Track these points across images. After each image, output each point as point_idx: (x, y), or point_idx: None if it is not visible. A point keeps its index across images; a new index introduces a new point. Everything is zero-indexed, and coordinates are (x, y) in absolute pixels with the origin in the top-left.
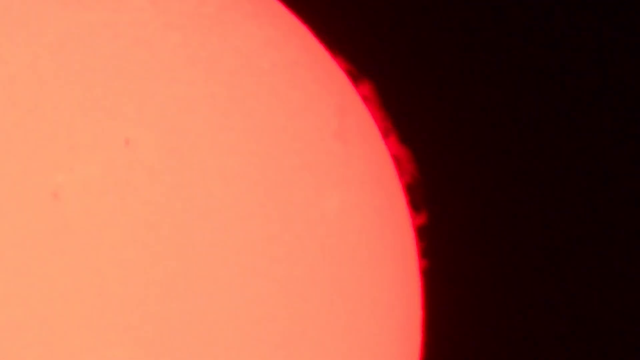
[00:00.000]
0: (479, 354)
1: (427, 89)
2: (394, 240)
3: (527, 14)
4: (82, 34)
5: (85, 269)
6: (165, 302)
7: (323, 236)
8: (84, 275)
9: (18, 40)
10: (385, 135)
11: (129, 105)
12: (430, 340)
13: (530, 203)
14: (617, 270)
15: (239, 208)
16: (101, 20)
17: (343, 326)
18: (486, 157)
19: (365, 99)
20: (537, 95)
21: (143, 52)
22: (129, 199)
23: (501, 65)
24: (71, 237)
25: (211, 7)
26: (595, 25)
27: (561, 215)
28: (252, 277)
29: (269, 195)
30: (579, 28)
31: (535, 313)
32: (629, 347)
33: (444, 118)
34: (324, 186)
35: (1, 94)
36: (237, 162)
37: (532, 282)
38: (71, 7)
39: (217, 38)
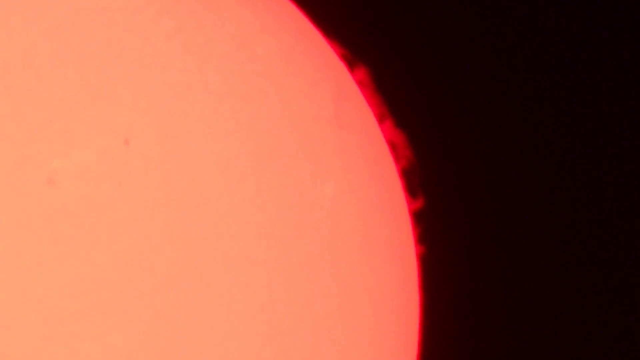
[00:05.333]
0: (476, 340)
1: (423, 74)
2: (390, 226)
3: (523, 3)
4: (76, 19)
5: (80, 255)
6: (161, 290)
7: (319, 222)
8: (78, 261)
9: (13, 27)
10: (380, 120)
11: (124, 92)
12: (427, 326)
13: (527, 188)
14: (616, 257)
15: (234, 195)
16: (95, 5)
17: (339, 312)
18: (482, 141)
19: (360, 84)
20: (533, 81)
21: (138, 39)
22: (125, 185)
23: (497, 51)
24: (66, 223)
25: None
26: (594, 24)
27: (559, 202)
28: (248, 264)
29: (265, 182)
30: (579, 21)
31: (533, 297)
32: (629, 345)
33: (440, 103)
34: (320, 172)
35: None
36: (233, 148)
37: (529, 267)
38: None
39: (212, 24)
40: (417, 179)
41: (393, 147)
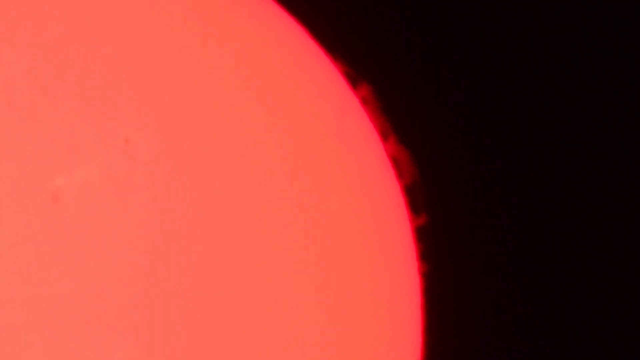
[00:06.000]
0: (478, 356)
1: (426, 91)
2: (393, 243)
3: (525, 15)
4: (80, 35)
5: (84, 271)
6: (165, 303)
7: (322, 237)
8: (82, 277)
9: (17, 42)
10: (384, 137)
11: (128, 107)
12: (430, 342)
13: (530, 205)
14: (617, 270)
15: (238, 209)
16: (99, 21)
17: (342, 328)
18: (485, 158)
19: (364, 101)
20: (537, 97)
21: (141, 54)
22: (129, 201)
23: (500, 67)
24: (70, 239)
25: (209, 11)
26: (594, 25)
27: (562, 217)
28: (251, 277)
29: (268, 197)
30: (579, 26)
31: (535, 315)
32: (628, 347)
33: (443, 120)
34: (323, 188)
35: (0, 96)
36: (237, 163)
37: (532, 283)
38: (69, 8)
39: (216, 41)
40: (420, 195)
41: (396, 163)
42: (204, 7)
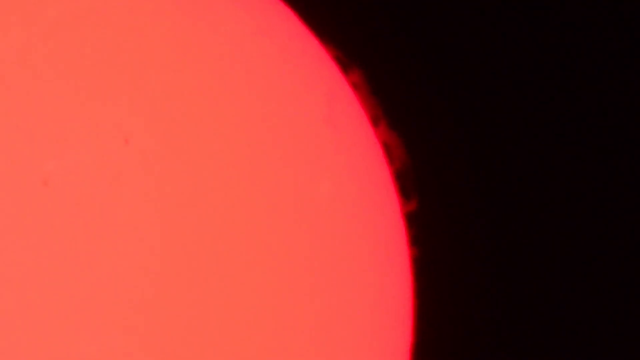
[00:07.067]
0: (468, 341)
1: (417, 77)
2: (384, 228)
3: (516, 5)
4: (71, 21)
5: (74, 256)
6: (156, 290)
7: (313, 222)
8: (72, 262)
9: (10, 27)
10: (375, 122)
11: (121, 94)
12: (420, 327)
13: (520, 190)
14: (608, 252)
15: (230, 195)
16: (91, 6)
17: (333, 313)
18: (476, 143)
19: (354, 86)
20: (527, 83)
21: (133, 40)
22: (120, 186)
23: (490, 53)
24: (60, 224)
25: None
26: (590, 27)
27: (553, 204)
28: (243, 264)
29: (259, 182)
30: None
31: (526, 299)
32: (623, 342)
33: (434, 105)
34: (314, 173)
35: None
36: (228, 148)
37: (523, 268)
38: None
39: (207, 26)
40: (411, 181)
41: (387, 149)
42: None
